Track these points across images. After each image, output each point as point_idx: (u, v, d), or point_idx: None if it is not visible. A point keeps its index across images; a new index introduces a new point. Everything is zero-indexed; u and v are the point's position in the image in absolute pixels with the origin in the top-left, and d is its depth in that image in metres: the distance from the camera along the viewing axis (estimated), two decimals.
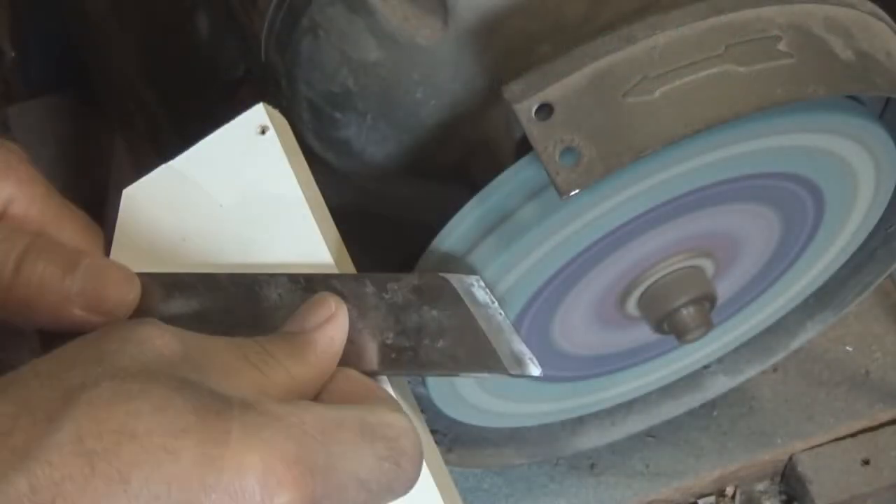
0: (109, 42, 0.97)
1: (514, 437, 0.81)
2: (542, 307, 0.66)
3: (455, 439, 0.78)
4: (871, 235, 0.75)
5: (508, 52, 0.60)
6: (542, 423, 0.81)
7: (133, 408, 0.39)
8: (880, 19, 0.59)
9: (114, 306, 0.48)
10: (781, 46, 0.54)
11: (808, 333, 0.84)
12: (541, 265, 0.61)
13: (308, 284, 0.50)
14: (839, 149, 0.64)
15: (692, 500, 0.96)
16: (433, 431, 0.72)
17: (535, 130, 0.52)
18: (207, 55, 0.86)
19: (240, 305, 0.50)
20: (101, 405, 0.39)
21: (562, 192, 0.52)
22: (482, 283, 0.52)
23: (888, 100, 0.64)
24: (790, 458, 0.96)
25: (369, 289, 0.50)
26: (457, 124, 0.63)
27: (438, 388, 0.68)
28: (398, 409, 0.46)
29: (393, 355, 0.50)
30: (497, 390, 0.72)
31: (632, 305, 0.69)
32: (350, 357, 0.49)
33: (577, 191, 0.52)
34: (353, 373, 0.48)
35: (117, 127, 1.00)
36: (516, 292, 0.63)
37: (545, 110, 0.52)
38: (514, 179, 0.57)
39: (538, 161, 0.52)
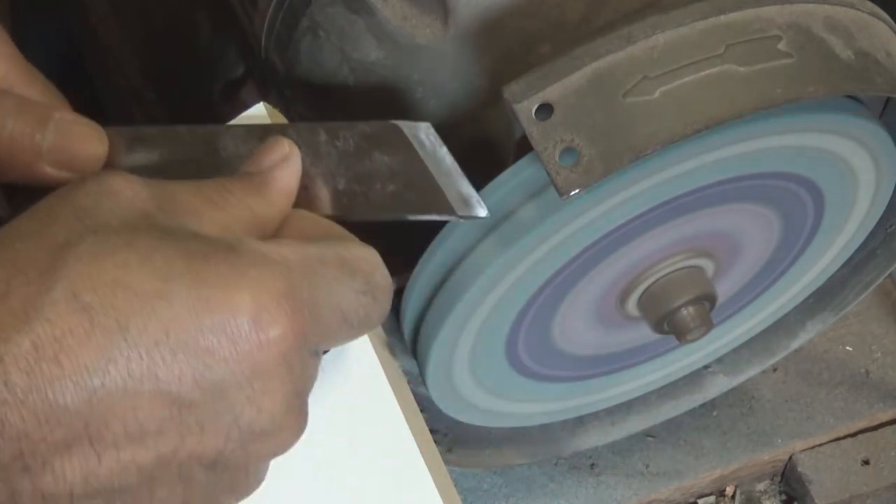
0: (109, 42, 0.97)
1: (514, 437, 0.81)
2: (542, 307, 0.66)
3: (455, 439, 0.78)
4: (871, 235, 0.75)
5: (508, 52, 0.60)
6: (542, 423, 0.81)
7: (121, 260, 0.40)
8: (880, 19, 0.59)
9: (84, 162, 0.48)
10: (781, 46, 0.54)
11: (808, 333, 0.84)
12: (541, 265, 0.61)
13: (264, 133, 0.51)
14: (839, 149, 0.64)
15: (692, 500, 0.96)
16: (433, 431, 0.72)
17: (535, 130, 0.52)
18: (207, 55, 0.86)
19: (199, 155, 0.52)
20: (90, 260, 0.40)
21: (562, 192, 0.52)
22: (432, 130, 0.52)
23: (888, 100, 0.64)
24: (790, 458, 0.96)
25: (322, 137, 0.51)
26: (457, 124, 0.63)
27: (439, 387, 0.68)
28: (366, 244, 0.47)
29: (345, 200, 0.51)
30: (497, 390, 0.72)
31: (632, 305, 0.69)
32: (304, 202, 0.50)
33: (577, 191, 0.52)
34: (307, 213, 0.49)
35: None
36: (516, 292, 0.63)
37: (545, 110, 0.52)
38: (514, 179, 0.57)
39: (538, 161, 0.52)
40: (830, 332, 0.98)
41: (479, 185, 0.57)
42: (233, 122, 0.55)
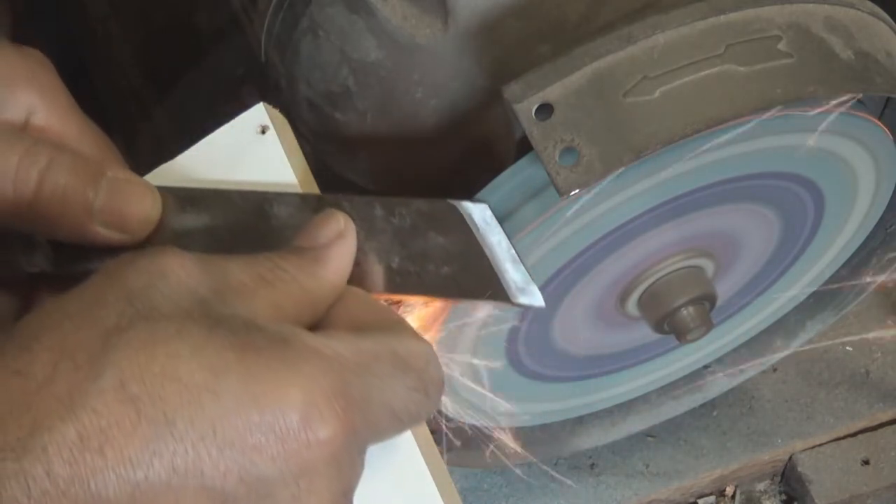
0: (109, 42, 0.97)
1: (514, 436, 0.81)
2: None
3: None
4: (871, 235, 0.75)
5: (508, 52, 0.60)
6: (542, 423, 0.81)
7: (172, 350, 0.39)
8: (880, 19, 0.59)
9: (136, 223, 0.47)
10: (781, 46, 0.54)
11: (808, 333, 0.84)
12: (541, 265, 0.61)
13: (318, 204, 0.50)
14: (839, 149, 0.64)
15: (692, 500, 0.96)
16: (433, 431, 0.72)
17: (535, 130, 0.52)
18: (207, 55, 0.86)
19: (250, 221, 0.50)
20: (140, 348, 0.39)
21: (562, 192, 0.52)
22: (488, 212, 0.52)
23: (888, 100, 0.64)
24: (790, 458, 0.96)
25: (378, 211, 0.50)
26: (457, 124, 0.63)
27: None
28: (419, 335, 0.46)
29: (398, 279, 0.50)
30: (497, 389, 0.72)
31: (632, 305, 0.69)
32: (356, 278, 0.49)
33: (577, 191, 0.52)
34: (361, 292, 0.48)
35: (117, 127, 1.00)
36: None
37: (545, 110, 0.52)
38: (514, 179, 0.57)
39: (538, 161, 0.52)
40: (830, 332, 0.98)
41: (479, 185, 0.58)
42: (234, 121, 0.55)
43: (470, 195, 0.58)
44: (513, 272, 0.51)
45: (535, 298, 0.52)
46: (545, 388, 0.75)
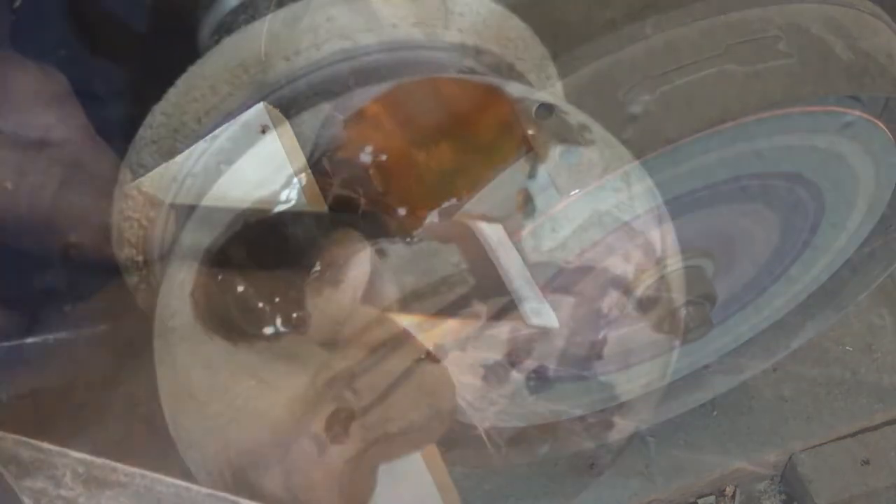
0: (110, 42, 0.97)
1: (514, 437, 0.81)
2: None
3: (455, 439, 0.78)
4: (871, 235, 0.75)
5: (508, 52, 0.60)
6: (544, 422, 0.81)
7: (191, 364, 0.41)
8: (880, 19, 0.59)
9: (150, 241, 0.48)
10: (781, 46, 0.54)
11: (808, 333, 0.84)
12: (541, 265, 0.61)
13: (332, 224, 0.50)
14: (839, 149, 0.64)
15: (692, 499, 0.96)
16: None
17: (535, 130, 0.52)
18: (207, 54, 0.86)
19: (265, 241, 0.50)
20: (158, 365, 0.41)
21: (562, 192, 0.52)
22: (503, 232, 0.52)
23: (888, 100, 0.64)
24: (790, 458, 0.96)
25: (392, 232, 0.51)
26: (457, 124, 0.63)
27: None
28: (434, 357, 0.46)
29: (413, 299, 0.50)
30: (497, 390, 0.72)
31: (632, 305, 0.69)
32: (371, 299, 0.48)
33: (576, 191, 0.52)
34: (376, 312, 0.48)
35: (117, 127, 1.00)
36: None
37: (545, 110, 0.52)
38: (512, 179, 0.57)
39: (537, 160, 0.52)
40: (830, 332, 0.98)
41: (480, 185, 0.58)
42: (234, 121, 0.55)
43: (471, 195, 0.58)
44: (527, 293, 0.51)
45: (549, 319, 0.52)
46: (547, 388, 0.75)
